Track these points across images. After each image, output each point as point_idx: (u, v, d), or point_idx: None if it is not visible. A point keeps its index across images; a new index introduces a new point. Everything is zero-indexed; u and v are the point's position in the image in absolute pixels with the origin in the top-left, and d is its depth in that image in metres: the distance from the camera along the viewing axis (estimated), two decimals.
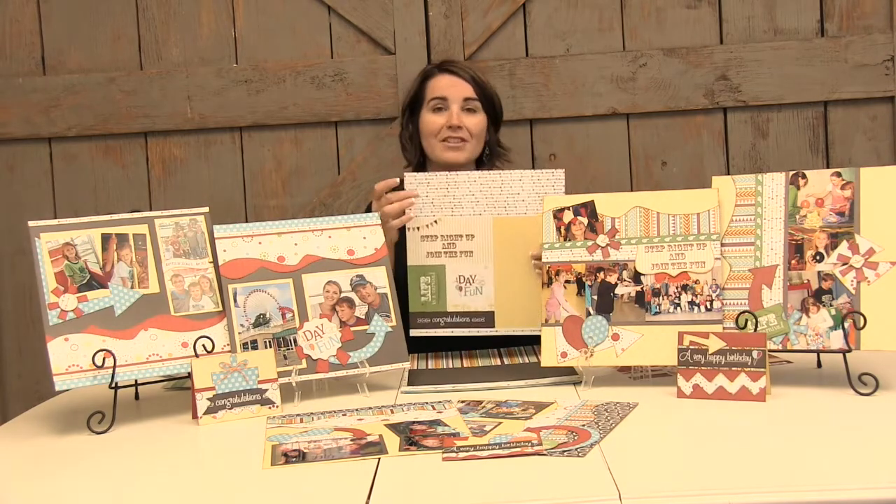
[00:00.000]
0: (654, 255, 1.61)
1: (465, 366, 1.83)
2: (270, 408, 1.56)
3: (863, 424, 1.30)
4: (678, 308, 1.59)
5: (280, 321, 1.66)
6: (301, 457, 1.28)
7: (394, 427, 1.39)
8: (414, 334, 1.86)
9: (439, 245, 1.87)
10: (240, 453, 1.35)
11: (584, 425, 1.34)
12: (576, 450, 1.22)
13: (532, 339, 1.90)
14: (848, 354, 1.49)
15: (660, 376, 1.64)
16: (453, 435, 1.33)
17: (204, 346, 1.59)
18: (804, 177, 1.56)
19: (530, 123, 2.62)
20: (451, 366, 1.84)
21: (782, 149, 2.61)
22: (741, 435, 1.29)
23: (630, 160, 2.63)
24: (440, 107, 2.13)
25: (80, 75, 2.62)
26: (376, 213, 1.82)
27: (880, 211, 1.50)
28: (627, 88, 2.59)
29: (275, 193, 2.66)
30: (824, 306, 1.51)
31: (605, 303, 1.62)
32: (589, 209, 1.66)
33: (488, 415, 1.44)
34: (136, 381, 1.71)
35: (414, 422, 1.41)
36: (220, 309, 1.65)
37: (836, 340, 1.49)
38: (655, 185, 2.58)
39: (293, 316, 1.67)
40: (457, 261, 1.86)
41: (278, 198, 2.65)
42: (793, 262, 1.54)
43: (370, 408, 1.53)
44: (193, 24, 2.64)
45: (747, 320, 1.53)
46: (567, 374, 1.66)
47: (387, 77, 2.61)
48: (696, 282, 1.58)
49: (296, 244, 1.72)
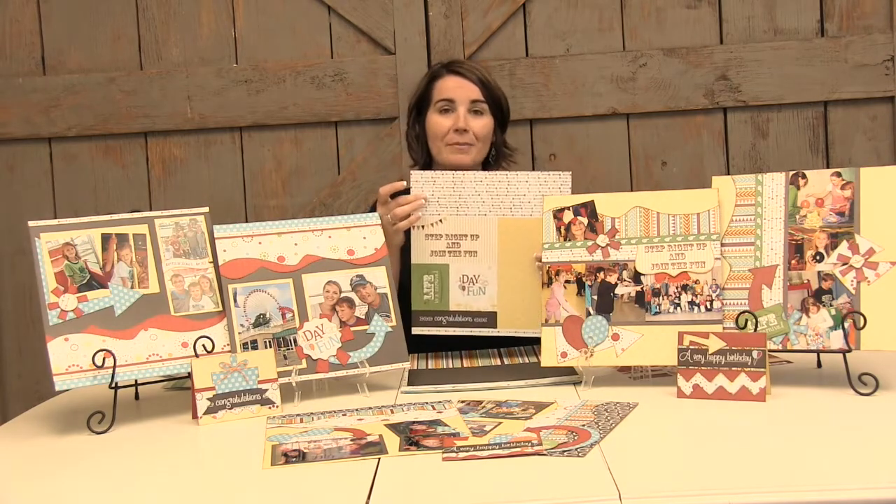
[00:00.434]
0: (654, 255, 1.61)
1: (465, 366, 1.83)
2: (270, 408, 1.56)
3: (863, 424, 1.30)
4: (678, 308, 1.58)
5: (280, 321, 1.66)
6: (301, 457, 1.28)
7: (394, 427, 1.39)
8: (416, 332, 1.86)
9: (443, 244, 1.86)
10: (240, 453, 1.35)
11: (584, 425, 1.34)
12: (576, 450, 1.22)
13: (532, 339, 1.90)
14: (848, 354, 1.49)
15: (660, 376, 1.64)
16: (453, 435, 1.33)
17: (204, 346, 1.59)
18: (804, 177, 1.56)
19: (530, 123, 2.62)
20: (451, 366, 1.84)
21: (782, 149, 2.61)
22: (741, 435, 1.29)
23: (630, 160, 2.63)
24: (447, 108, 2.11)
25: (80, 75, 2.62)
26: (376, 214, 1.82)
27: (880, 211, 1.50)
28: (627, 88, 2.59)
29: (275, 193, 2.66)
30: (824, 306, 1.51)
31: (605, 303, 1.62)
32: (589, 209, 1.66)
33: (488, 415, 1.44)
34: (136, 381, 1.71)
35: (414, 422, 1.41)
36: (220, 309, 1.65)
37: (836, 340, 1.49)
38: (655, 185, 2.58)
39: (293, 316, 1.67)
40: (460, 260, 1.86)
41: (278, 198, 2.65)
42: (793, 262, 1.54)
43: (370, 408, 1.53)
44: (193, 24, 2.64)
45: (747, 320, 1.53)
46: (567, 374, 1.66)
47: (387, 77, 2.61)
48: (696, 282, 1.58)
49: (296, 244, 1.72)
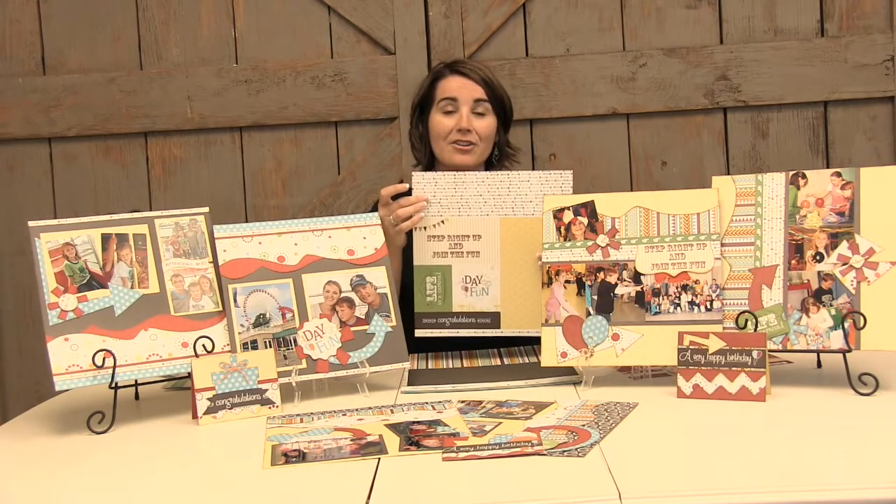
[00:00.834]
0: (654, 255, 1.61)
1: (465, 366, 1.83)
2: (270, 408, 1.56)
3: (863, 424, 1.30)
4: (678, 308, 1.58)
5: (280, 321, 1.66)
6: (301, 457, 1.28)
7: (394, 427, 1.39)
8: (419, 335, 1.85)
9: (446, 245, 1.86)
10: (240, 453, 1.35)
11: (584, 425, 1.34)
12: (576, 450, 1.22)
13: (532, 339, 1.90)
14: (848, 354, 1.49)
15: (660, 376, 1.64)
16: (453, 435, 1.33)
17: (204, 346, 1.59)
18: (804, 177, 1.56)
19: (530, 123, 2.62)
20: (451, 366, 1.84)
21: (782, 149, 2.61)
22: (741, 435, 1.29)
23: (630, 160, 2.63)
24: (450, 109, 2.11)
25: (80, 75, 2.62)
26: (376, 214, 1.82)
27: (880, 211, 1.50)
28: (627, 88, 2.59)
29: (275, 193, 2.66)
30: (824, 306, 1.51)
31: (605, 303, 1.62)
32: (589, 209, 1.66)
33: (488, 415, 1.44)
34: (136, 381, 1.71)
35: (414, 422, 1.41)
36: (220, 309, 1.65)
37: (836, 340, 1.49)
38: (655, 185, 2.58)
39: (293, 316, 1.67)
40: (463, 261, 1.86)
41: (278, 198, 2.65)
42: (793, 262, 1.54)
43: (370, 408, 1.53)
44: (193, 24, 2.64)
45: (747, 320, 1.53)
46: (567, 374, 1.66)
47: (387, 77, 2.61)
48: (696, 282, 1.58)
49: (296, 244, 1.72)
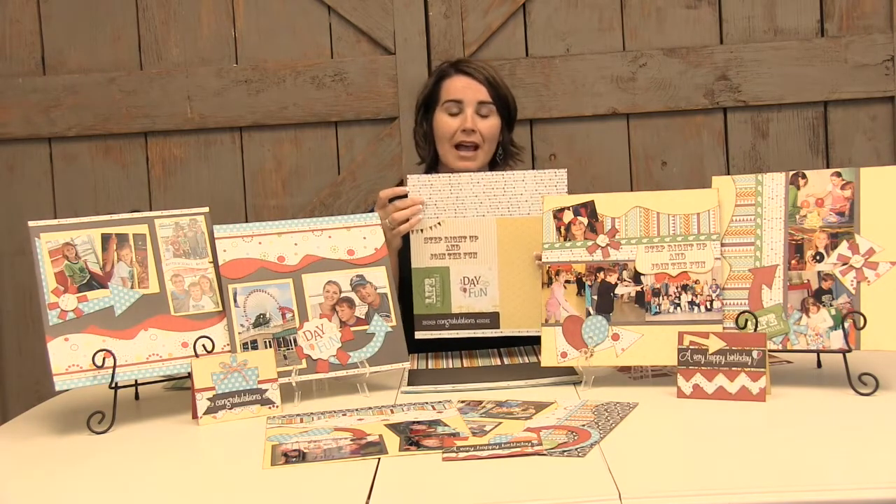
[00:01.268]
0: (654, 255, 1.61)
1: (465, 366, 1.83)
2: (270, 408, 1.56)
3: (863, 424, 1.30)
4: (678, 308, 1.58)
5: (280, 321, 1.66)
6: (301, 457, 1.28)
7: (394, 427, 1.39)
8: (419, 336, 1.86)
9: (443, 247, 1.86)
10: (240, 453, 1.35)
11: (584, 425, 1.34)
12: (576, 450, 1.22)
13: (532, 339, 1.90)
14: (848, 354, 1.49)
15: (660, 376, 1.64)
16: (453, 435, 1.33)
17: (204, 346, 1.59)
18: (804, 177, 1.56)
19: (530, 123, 2.62)
20: (451, 366, 1.84)
21: (782, 149, 2.60)
22: (741, 435, 1.29)
23: (630, 160, 2.63)
24: (454, 110, 2.11)
25: (80, 75, 2.62)
26: (376, 214, 1.82)
27: (880, 211, 1.50)
28: (627, 88, 2.59)
29: (275, 193, 2.66)
30: (824, 306, 1.51)
31: (605, 303, 1.62)
32: (589, 209, 1.66)
33: (488, 415, 1.44)
34: (136, 381, 1.71)
35: (414, 422, 1.41)
36: (220, 309, 1.65)
37: (836, 340, 1.49)
38: (655, 185, 2.58)
39: (293, 316, 1.67)
40: (461, 262, 1.86)
41: (278, 198, 2.65)
42: (793, 262, 1.54)
43: (370, 408, 1.53)
44: (193, 24, 2.64)
45: (747, 320, 1.53)
46: (567, 374, 1.66)
47: (387, 77, 2.61)
48: (696, 282, 1.58)
49: (296, 244, 1.72)
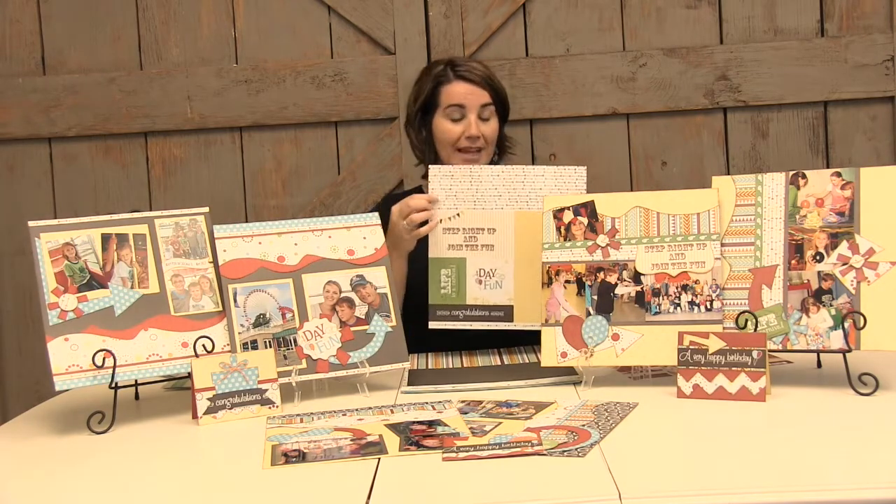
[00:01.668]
0: (654, 255, 1.61)
1: (465, 366, 1.83)
2: (270, 408, 1.56)
3: (863, 424, 1.30)
4: (678, 308, 1.58)
5: (280, 321, 1.66)
6: (301, 457, 1.28)
7: (394, 427, 1.39)
8: (433, 326, 1.86)
9: (461, 238, 1.87)
10: (240, 453, 1.35)
11: (584, 425, 1.34)
12: (576, 450, 1.22)
13: (533, 338, 1.90)
14: (848, 354, 1.49)
15: (660, 376, 1.64)
16: (453, 435, 1.33)
17: (204, 346, 1.59)
18: (804, 177, 1.56)
19: (530, 123, 2.62)
20: (451, 366, 1.84)
21: (782, 149, 2.60)
22: (741, 435, 1.29)
23: (630, 160, 2.63)
24: (457, 116, 2.10)
25: (80, 75, 2.62)
26: (376, 214, 1.81)
27: (880, 211, 1.50)
28: (627, 88, 2.59)
29: (275, 193, 2.66)
30: (824, 306, 1.51)
31: (605, 303, 1.62)
32: (589, 209, 1.66)
33: (488, 415, 1.44)
34: (136, 381, 1.71)
35: (414, 422, 1.41)
36: (220, 309, 1.65)
37: (836, 340, 1.49)
38: (655, 185, 2.58)
39: (293, 316, 1.67)
40: (477, 254, 1.86)
41: (278, 198, 2.65)
42: (793, 262, 1.54)
43: (370, 408, 1.53)
44: (193, 24, 2.64)
45: (747, 320, 1.53)
46: (567, 374, 1.66)
47: (387, 77, 2.61)
48: (696, 282, 1.58)
49: (296, 244, 1.72)
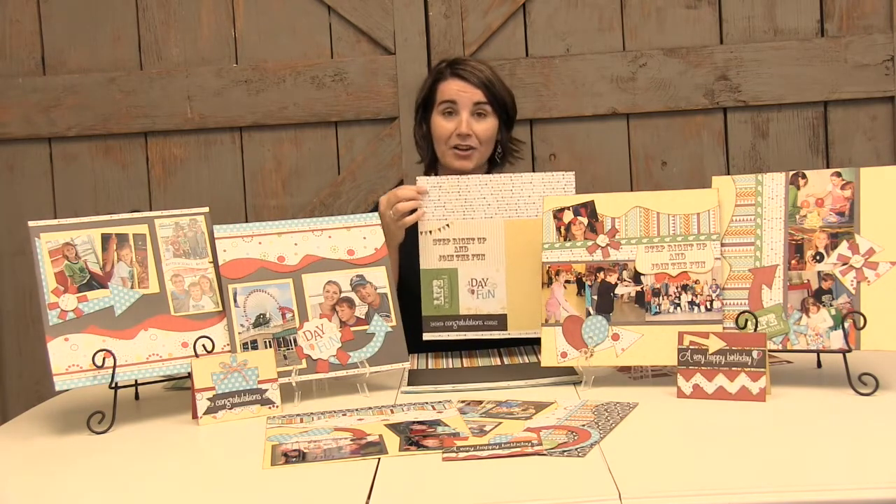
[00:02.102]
0: (654, 255, 1.61)
1: (465, 366, 1.83)
2: (270, 408, 1.56)
3: (863, 424, 1.30)
4: (678, 308, 1.58)
5: (280, 321, 1.66)
6: (301, 457, 1.28)
7: (394, 427, 1.39)
8: (427, 338, 1.86)
9: (451, 248, 1.86)
10: (240, 453, 1.35)
11: (584, 425, 1.34)
12: (576, 450, 1.22)
13: (532, 339, 1.90)
14: (848, 354, 1.49)
15: (660, 376, 1.64)
16: (453, 435, 1.33)
17: (204, 346, 1.59)
18: (804, 177, 1.56)
19: (530, 123, 2.62)
20: (451, 366, 1.84)
21: (782, 149, 2.60)
22: (741, 435, 1.29)
23: (630, 160, 2.63)
24: (450, 111, 2.10)
25: (80, 75, 2.62)
26: (376, 214, 1.82)
27: (880, 211, 1.50)
28: (627, 88, 2.59)
29: (275, 193, 2.66)
30: (824, 306, 1.51)
31: (605, 303, 1.62)
32: (589, 209, 1.66)
33: (488, 415, 1.44)
34: (136, 381, 1.71)
35: (414, 422, 1.41)
36: (220, 309, 1.65)
37: (836, 340, 1.49)
38: (655, 185, 2.58)
39: (293, 316, 1.67)
40: (469, 264, 1.86)
41: (278, 198, 2.65)
42: (793, 262, 1.54)
43: (370, 408, 1.53)
44: (193, 24, 2.64)
45: (747, 320, 1.53)
46: (567, 374, 1.66)
47: (387, 77, 2.61)
48: (696, 282, 1.58)
49: (296, 244, 1.72)
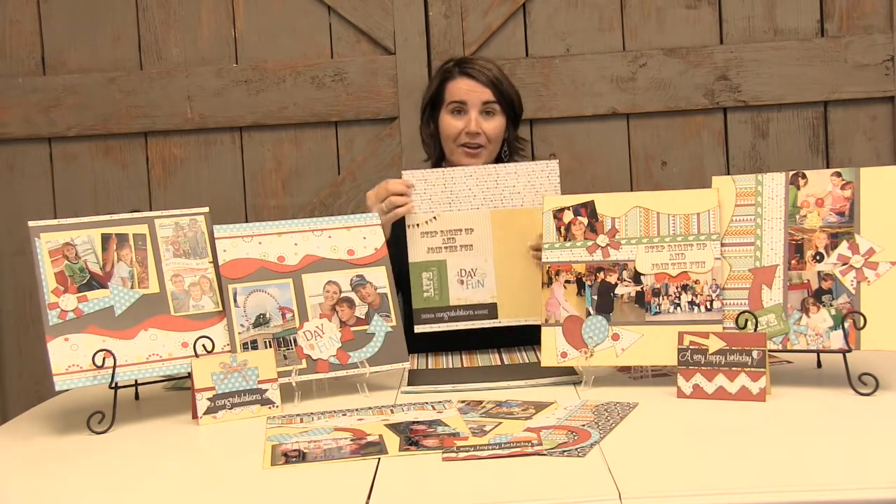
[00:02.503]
0: (654, 255, 1.61)
1: (465, 366, 1.83)
2: (270, 408, 1.56)
3: (863, 424, 1.30)
4: (678, 308, 1.58)
5: (280, 321, 1.66)
6: (301, 457, 1.28)
7: (394, 427, 1.39)
8: (419, 330, 1.86)
9: (439, 240, 1.88)
10: (240, 453, 1.35)
11: (584, 425, 1.34)
12: (576, 450, 1.22)
13: (532, 337, 1.90)
14: (848, 354, 1.49)
15: (660, 376, 1.64)
16: (453, 435, 1.33)
17: (204, 346, 1.59)
18: (804, 177, 1.56)
19: (530, 123, 2.62)
20: (451, 366, 1.84)
21: (782, 149, 2.61)
22: (741, 435, 1.29)
23: (630, 160, 2.63)
24: (459, 110, 2.10)
25: (80, 75, 2.62)
26: (376, 214, 1.82)
27: (880, 211, 1.50)
28: (627, 88, 2.59)
29: (275, 193, 2.66)
30: (824, 306, 1.51)
31: (605, 303, 1.62)
32: (589, 209, 1.66)
33: (488, 415, 1.44)
34: (136, 381, 1.71)
35: (414, 422, 1.41)
36: (220, 309, 1.65)
37: (836, 340, 1.49)
38: (655, 185, 2.58)
39: (293, 316, 1.67)
40: (457, 255, 1.88)
41: (278, 198, 2.66)
42: (793, 262, 1.54)
43: (370, 408, 1.53)
44: (193, 24, 2.64)
45: (747, 320, 1.53)
46: (567, 374, 1.66)
47: (387, 77, 2.61)
48: (696, 282, 1.58)
49: (296, 244, 1.72)
